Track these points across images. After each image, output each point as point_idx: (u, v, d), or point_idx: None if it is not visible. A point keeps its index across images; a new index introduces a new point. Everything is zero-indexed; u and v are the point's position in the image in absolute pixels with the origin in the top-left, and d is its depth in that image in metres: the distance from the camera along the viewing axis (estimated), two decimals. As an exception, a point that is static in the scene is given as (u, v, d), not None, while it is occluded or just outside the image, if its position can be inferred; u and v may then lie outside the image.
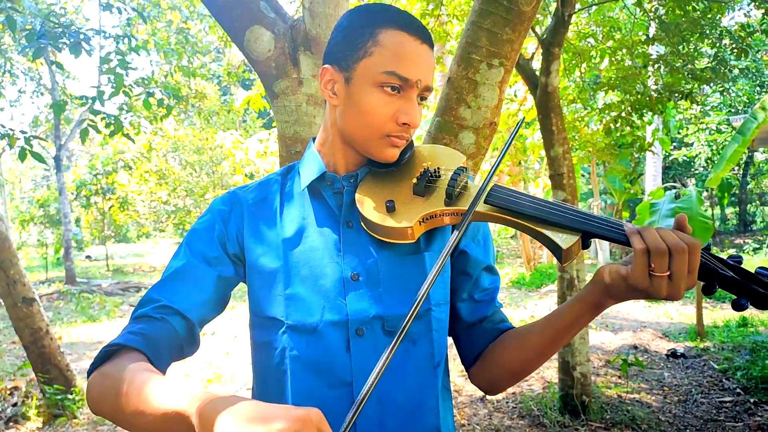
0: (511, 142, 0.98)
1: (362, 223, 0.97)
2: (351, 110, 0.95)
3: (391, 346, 0.73)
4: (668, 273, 0.78)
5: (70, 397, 4.46)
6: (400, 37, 0.92)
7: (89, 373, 0.87)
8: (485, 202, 0.92)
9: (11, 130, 4.16)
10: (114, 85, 4.66)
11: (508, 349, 1.02)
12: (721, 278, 0.81)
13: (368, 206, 0.95)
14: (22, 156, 4.08)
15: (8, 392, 4.87)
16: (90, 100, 4.45)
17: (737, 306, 0.80)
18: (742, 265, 0.82)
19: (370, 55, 0.92)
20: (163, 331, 0.90)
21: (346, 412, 0.89)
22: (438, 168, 1.00)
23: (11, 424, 4.31)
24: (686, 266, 0.78)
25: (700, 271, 0.80)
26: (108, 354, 0.86)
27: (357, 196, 0.97)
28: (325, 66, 0.98)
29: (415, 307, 0.76)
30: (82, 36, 4.25)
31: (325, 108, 1.04)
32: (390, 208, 0.94)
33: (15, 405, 4.59)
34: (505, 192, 0.93)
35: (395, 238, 0.94)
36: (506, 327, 1.07)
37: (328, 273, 0.96)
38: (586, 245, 0.88)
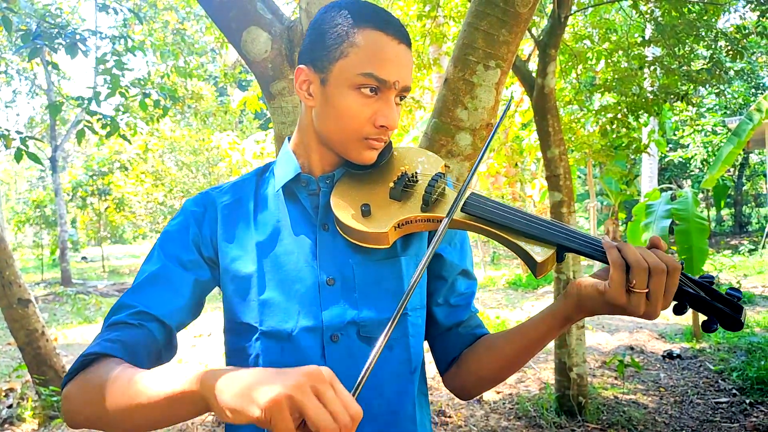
0: (488, 145, 0.97)
1: (337, 227, 0.95)
2: (327, 112, 0.92)
3: (374, 353, 0.71)
4: (646, 291, 0.77)
5: (65, 398, 4.44)
6: (377, 37, 0.89)
7: (64, 384, 0.83)
8: (462, 211, 0.90)
9: (7, 130, 4.14)
10: (110, 86, 4.65)
11: (481, 356, 1.00)
12: (692, 299, 0.81)
13: (343, 209, 0.93)
14: (18, 157, 4.06)
15: (4, 394, 4.85)
16: (86, 101, 4.44)
17: (706, 328, 0.81)
18: (714, 285, 0.82)
19: (346, 56, 0.89)
20: (141, 337, 0.87)
21: None
22: (416, 173, 0.98)
23: (6, 425, 4.29)
24: (663, 286, 0.77)
25: (679, 295, 0.80)
26: (84, 363, 0.82)
27: (332, 198, 0.95)
28: (300, 66, 0.95)
29: (395, 316, 0.74)
30: (78, 36, 4.24)
31: (300, 107, 1.01)
32: (365, 212, 0.92)
33: (10, 407, 4.57)
34: (482, 201, 0.91)
35: (370, 242, 0.92)
36: (481, 333, 1.05)
37: (303, 278, 0.94)
38: (560, 258, 0.86)
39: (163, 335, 0.90)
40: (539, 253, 0.85)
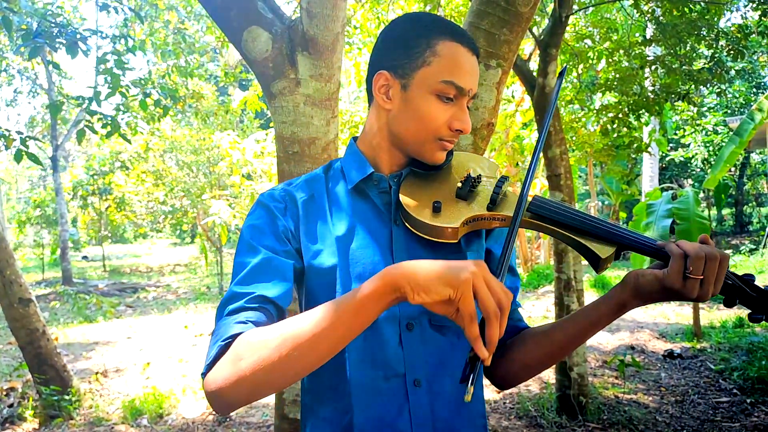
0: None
1: (406, 223, 1.01)
2: (407, 115, 1.00)
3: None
4: (701, 277, 0.87)
5: (66, 397, 4.44)
6: (456, 49, 0.97)
7: (205, 372, 0.86)
8: (528, 211, 0.98)
9: (7, 130, 4.14)
10: (110, 85, 4.65)
11: (528, 345, 1.07)
12: (742, 294, 0.92)
13: (415, 206, 0.99)
14: (17, 157, 4.06)
15: (4, 393, 4.85)
16: (86, 101, 4.44)
17: (754, 319, 0.93)
18: (755, 282, 0.93)
19: (429, 65, 0.97)
20: (263, 318, 0.91)
21: (399, 402, 0.98)
22: (480, 175, 1.06)
23: (7, 425, 4.29)
24: (716, 272, 0.87)
25: (725, 288, 0.91)
26: (224, 348, 0.85)
27: (401, 195, 1.01)
28: (381, 71, 1.01)
29: (507, 253, 0.86)
30: (78, 36, 4.24)
31: (370, 110, 1.08)
32: (437, 209, 0.98)
33: (11, 406, 4.57)
34: (545, 202, 0.99)
35: (440, 237, 0.97)
36: (523, 326, 1.12)
37: (378, 270, 0.98)
38: (618, 257, 0.96)
39: (278, 317, 0.96)
40: (602, 251, 0.94)
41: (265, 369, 0.80)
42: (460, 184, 1.01)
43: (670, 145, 16.23)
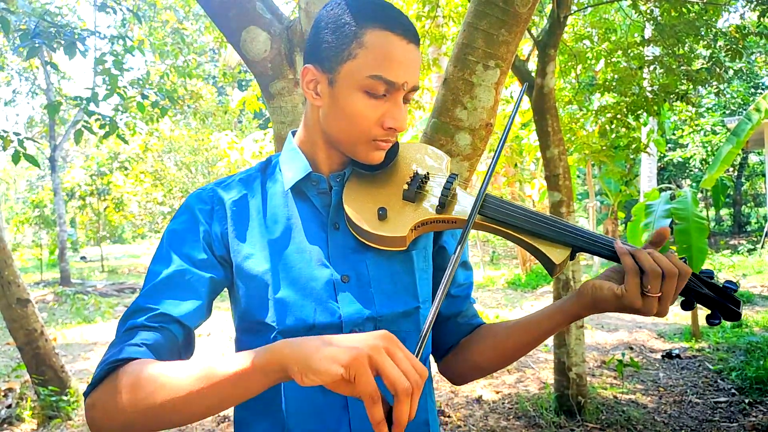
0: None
1: (350, 228, 0.95)
2: (335, 113, 0.92)
3: (420, 342, 0.75)
4: (659, 294, 0.83)
5: (64, 398, 4.44)
6: (386, 38, 0.88)
7: (87, 393, 0.81)
8: (479, 213, 0.93)
9: (5, 131, 4.14)
10: (108, 86, 4.64)
11: (480, 347, 1.05)
12: (698, 295, 0.87)
13: (359, 213, 0.93)
14: (15, 158, 4.06)
15: (2, 394, 4.84)
16: (84, 101, 4.43)
17: (711, 322, 0.87)
18: (713, 279, 0.88)
19: (355, 58, 0.88)
20: (163, 340, 0.86)
21: (338, 418, 0.91)
22: (427, 173, 0.99)
23: (5, 425, 4.28)
24: (674, 288, 0.83)
25: (683, 291, 0.86)
26: (110, 371, 0.80)
27: (345, 199, 0.95)
28: (307, 65, 0.94)
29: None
30: (76, 36, 4.24)
31: (306, 105, 1.00)
32: (382, 216, 0.92)
33: (9, 407, 4.56)
34: (498, 204, 0.93)
35: (388, 245, 0.93)
36: (478, 323, 1.10)
37: (317, 275, 0.94)
38: (572, 257, 0.92)
39: (183, 336, 0.90)
40: (556, 254, 0.89)
41: (140, 411, 0.75)
42: (406, 186, 0.95)
43: (669, 145, 16.24)
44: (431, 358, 1.11)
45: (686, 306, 0.88)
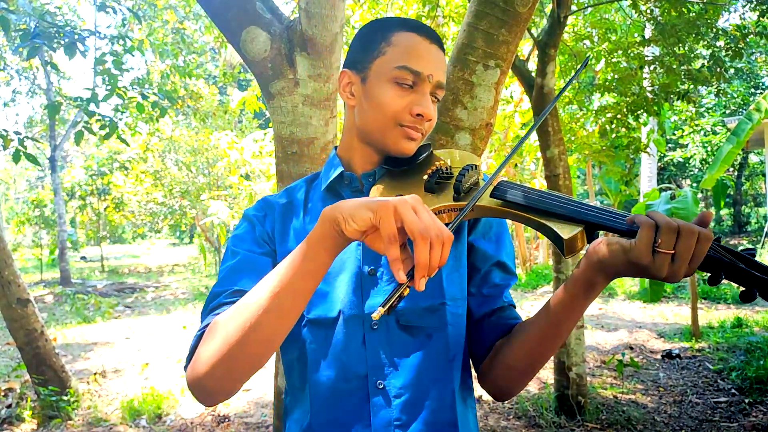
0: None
1: None
2: (367, 105, 1.00)
3: (459, 216, 0.84)
4: (672, 252, 0.75)
5: (64, 398, 4.44)
6: (411, 37, 0.99)
7: (186, 365, 0.89)
8: (491, 196, 0.93)
9: (5, 131, 4.14)
10: (108, 86, 4.64)
11: (511, 345, 0.99)
12: (729, 269, 0.78)
13: None
14: (16, 158, 4.06)
15: (3, 394, 4.84)
16: (84, 102, 4.43)
17: (747, 297, 0.78)
18: (755, 258, 0.79)
19: (384, 54, 0.99)
20: None
21: (359, 405, 0.96)
22: (450, 167, 1.02)
23: (5, 425, 4.28)
24: (691, 250, 0.75)
25: (706, 261, 0.77)
26: (200, 336, 0.90)
27: (372, 193, 1.01)
28: (343, 70, 1.04)
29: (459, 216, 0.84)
30: (76, 36, 4.24)
31: (345, 113, 1.09)
32: None
33: (9, 406, 4.57)
34: (510, 185, 0.93)
35: None
36: (516, 322, 1.04)
37: (346, 268, 1.00)
38: (591, 238, 0.86)
39: None
40: (566, 231, 0.85)
41: (236, 341, 0.82)
42: (426, 177, 0.99)
43: (669, 145, 16.25)
44: (474, 374, 1.08)
45: (712, 281, 0.79)
